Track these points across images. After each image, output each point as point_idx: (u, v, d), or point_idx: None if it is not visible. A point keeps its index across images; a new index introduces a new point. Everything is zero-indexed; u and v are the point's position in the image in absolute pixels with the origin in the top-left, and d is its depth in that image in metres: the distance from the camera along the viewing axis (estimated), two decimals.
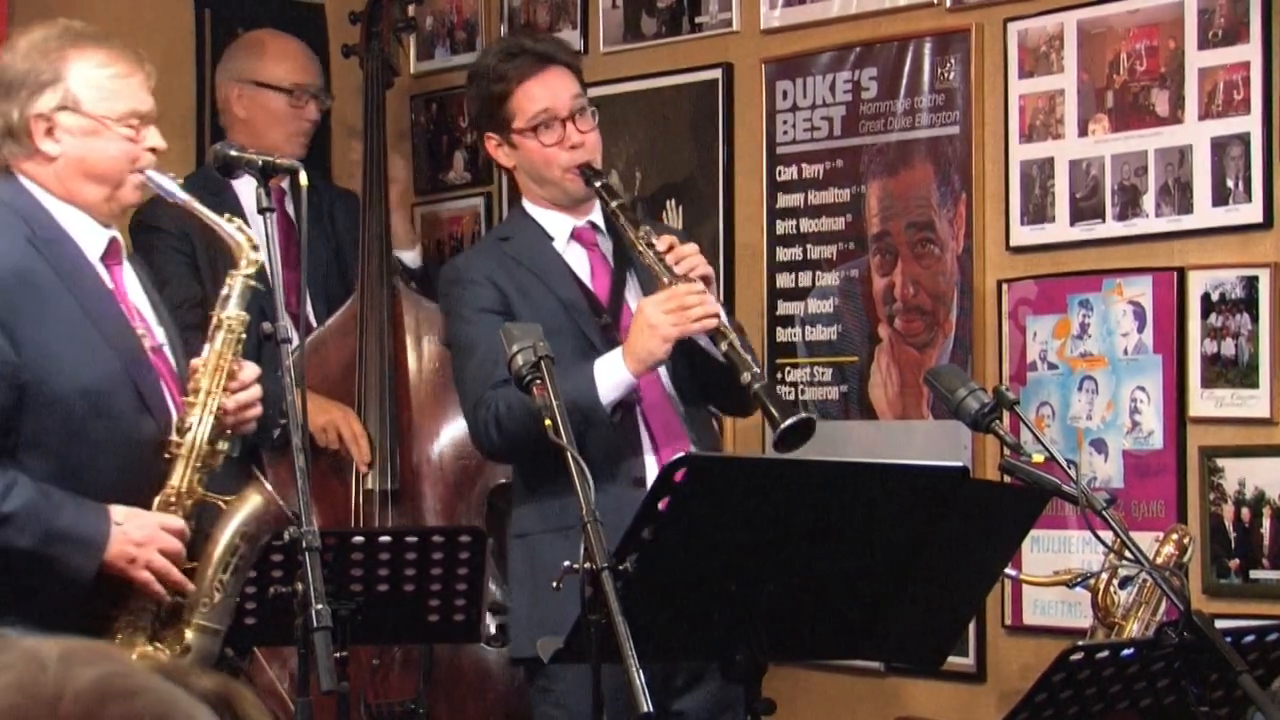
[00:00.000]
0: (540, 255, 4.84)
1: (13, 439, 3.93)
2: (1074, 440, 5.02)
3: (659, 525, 3.64)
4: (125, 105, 4.06)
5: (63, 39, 4.09)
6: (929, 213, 5.32)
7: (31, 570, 3.89)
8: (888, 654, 4.32)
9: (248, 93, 5.76)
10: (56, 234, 4.00)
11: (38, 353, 3.91)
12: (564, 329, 4.66)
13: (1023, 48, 5.17)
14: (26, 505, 3.84)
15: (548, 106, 4.78)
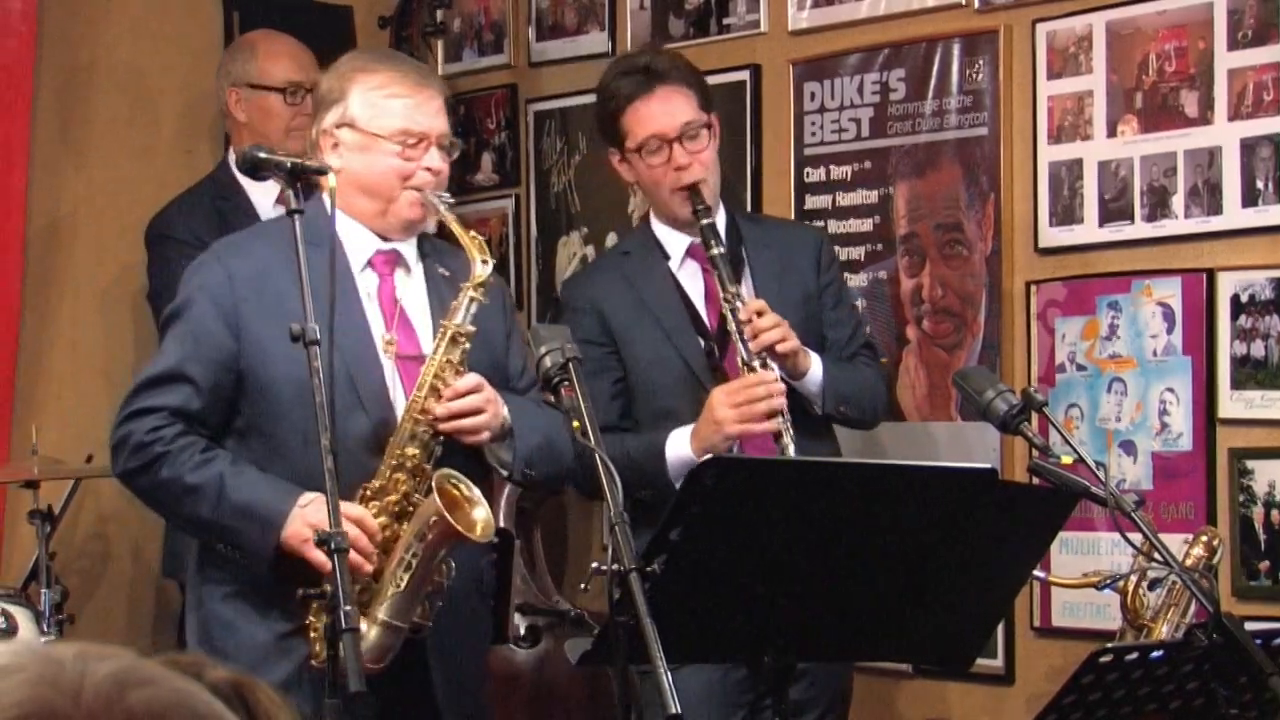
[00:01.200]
0: (653, 277, 4.86)
1: (237, 420, 4.19)
2: (1103, 442, 5.02)
3: (687, 527, 3.64)
4: (397, 124, 4.20)
5: (355, 60, 4.41)
6: (957, 214, 5.32)
7: (218, 540, 4.15)
8: (916, 655, 4.31)
9: (244, 95, 5.76)
10: (321, 241, 4.08)
11: (256, 343, 4.13)
12: (667, 360, 4.76)
13: (1051, 49, 5.16)
14: (212, 478, 4.08)
15: (655, 131, 4.77)
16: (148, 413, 4.13)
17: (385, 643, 4.04)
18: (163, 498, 4.20)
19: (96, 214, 6.02)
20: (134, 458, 4.13)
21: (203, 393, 4.13)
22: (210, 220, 5.56)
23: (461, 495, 4.01)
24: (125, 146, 6.10)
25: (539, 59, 6.31)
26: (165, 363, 4.19)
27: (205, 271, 4.23)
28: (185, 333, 4.18)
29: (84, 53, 6.06)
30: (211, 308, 4.15)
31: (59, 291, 6.01)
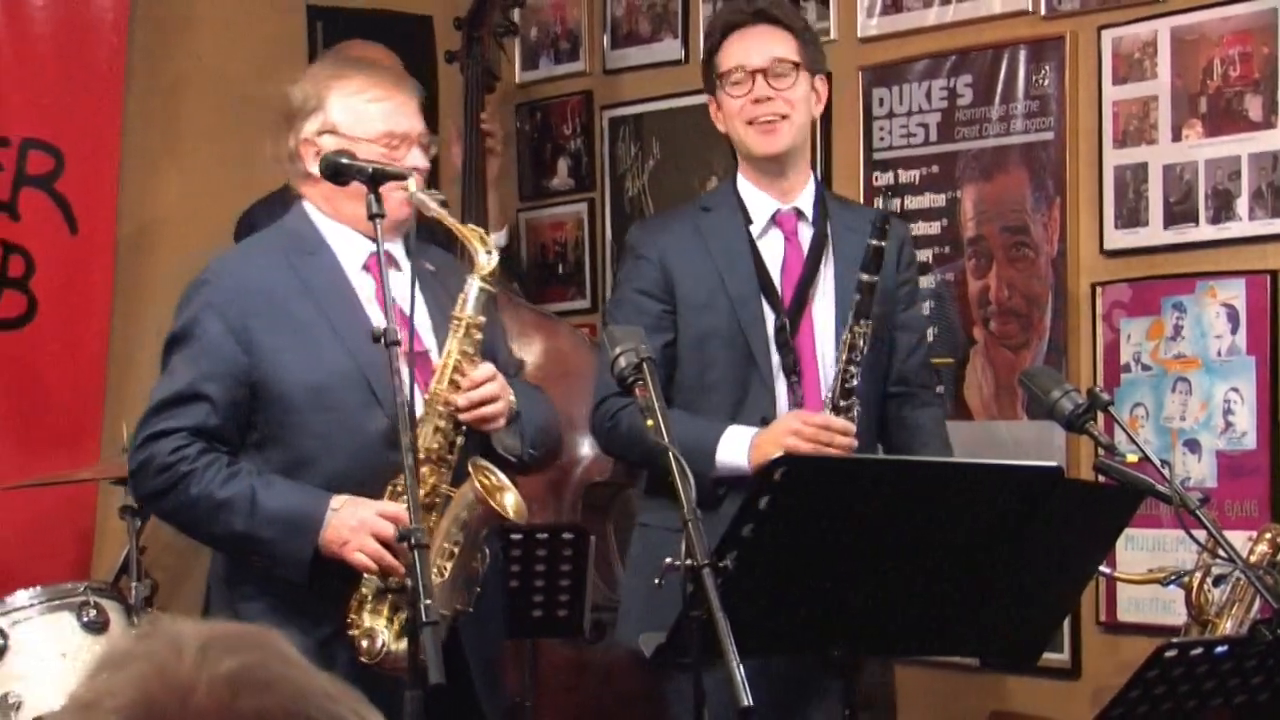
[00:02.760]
0: (730, 239, 4.68)
1: (253, 435, 4.15)
2: (1167, 441, 4.98)
3: (758, 523, 3.63)
4: (380, 127, 4.18)
5: (328, 68, 4.39)
6: (1023, 217, 5.30)
7: (253, 553, 4.11)
8: (983, 650, 4.28)
9: None
10: (317, 248, 4.17)
11: (266, 354, 4.10)
12: (725, 331, 4.63)
13: (1116, 54, 5.13)
14: (242, 491, 4.05)
15: (741, 61, 4.64)
16: (167, 434, 4.09)
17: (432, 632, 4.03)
18: (193, 516, 4.14)
19: (184, 218, 6.06)
20: (158, 479, 4.10)
21: (219, 409, 4.10)
22: None
23: (491, 482, 4.01)
24: (212, 153, 6.13)
25: (614, 66, 6.31)
26: (178, 383, 4.14)
27: (208, 290, 4.20)
28: (196, 352, 4.14)
29: (173, 62, 6.09)
30: (220, 324, 4.12)
31: (149, 293, 6.04)
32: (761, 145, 4.63)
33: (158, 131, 6.06)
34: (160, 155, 6.07)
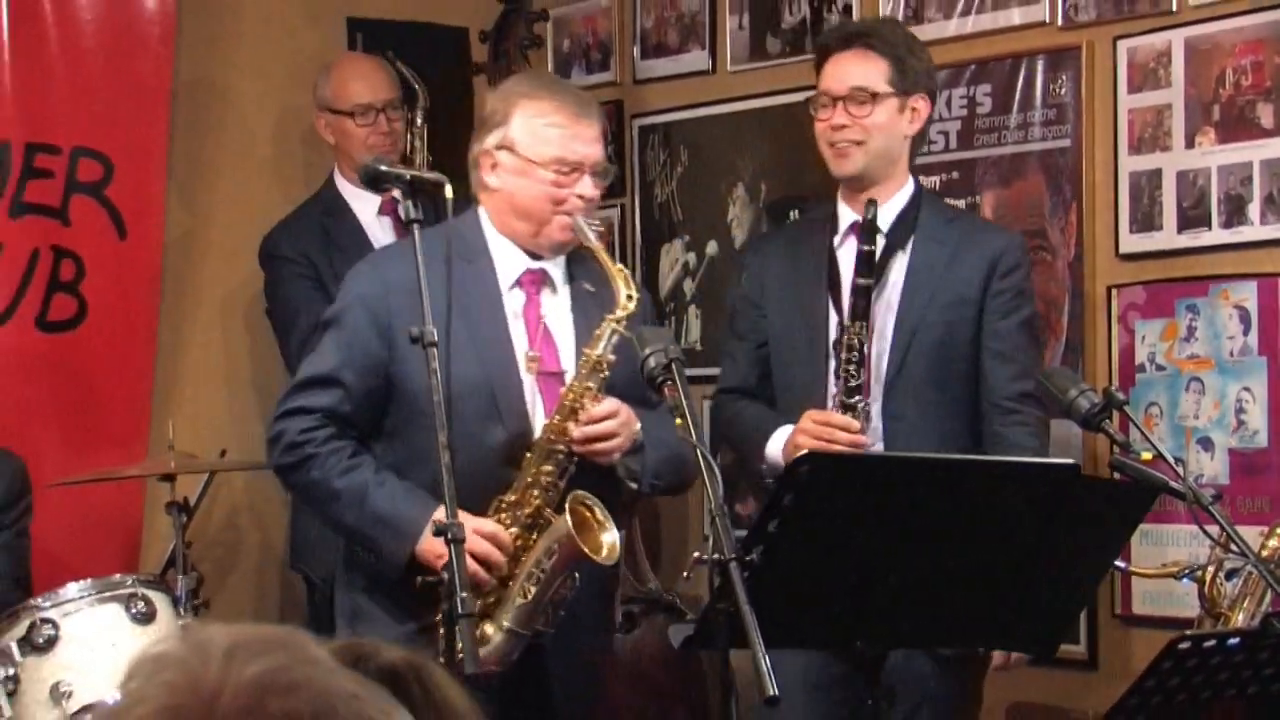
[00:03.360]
0: (812, 250, 4.76)
1: (385, 422, 4.23)
2: (1181, 439, 4.98)
3: (784, 519, 3.63)
4: (554, 152, 4.21)
5: (520, 85, 4.44)
6: (1041, 221, 5.29)
7: (358, 544, 4.21)
8: (1003, 643, 4.28)
9: (327, 119, 5.80)
10: (477, 256, 4.19)
11: (403, 353, 4.11)
12: (796, 334, 4.72)
13: (1132, 64, 5.12)
14: (356, 486, 4.13)
15: (827, 87, 4.68)
16: (302, 413, 4.18)
17: (507, 648, 4.07)
18: (310, 497, 4.28)
19: (227, 227, 6.07)
20: (287, 455, 4.19)
21: (354, 397, 4.17)
22: (316, 237, 5.60)
23: (593, 518, 4.03)
24: (254, 160, 6.15)
25: (643, 76, 6.32)
26: (322, 366, 4.21)
27: (364, 281, 4.27)
28: (341, 339, 4.20)
29: (217, 75, 6.11)
30: (366, 316, 4.18)
31: (193, 300, 6.06)
32: (836, 167, 4.71)
33: (202, 140, 6.07)
34: (205, 163, 6.08)
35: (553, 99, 4.29)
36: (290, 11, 6.23)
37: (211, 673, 1.41)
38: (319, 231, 5.56)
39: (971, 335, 4.65)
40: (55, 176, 5.76)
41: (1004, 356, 4.65)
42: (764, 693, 3.41)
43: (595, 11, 6.41)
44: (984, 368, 4.66)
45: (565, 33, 6.37)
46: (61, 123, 5.76)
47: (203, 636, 1.44)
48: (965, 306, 4.63)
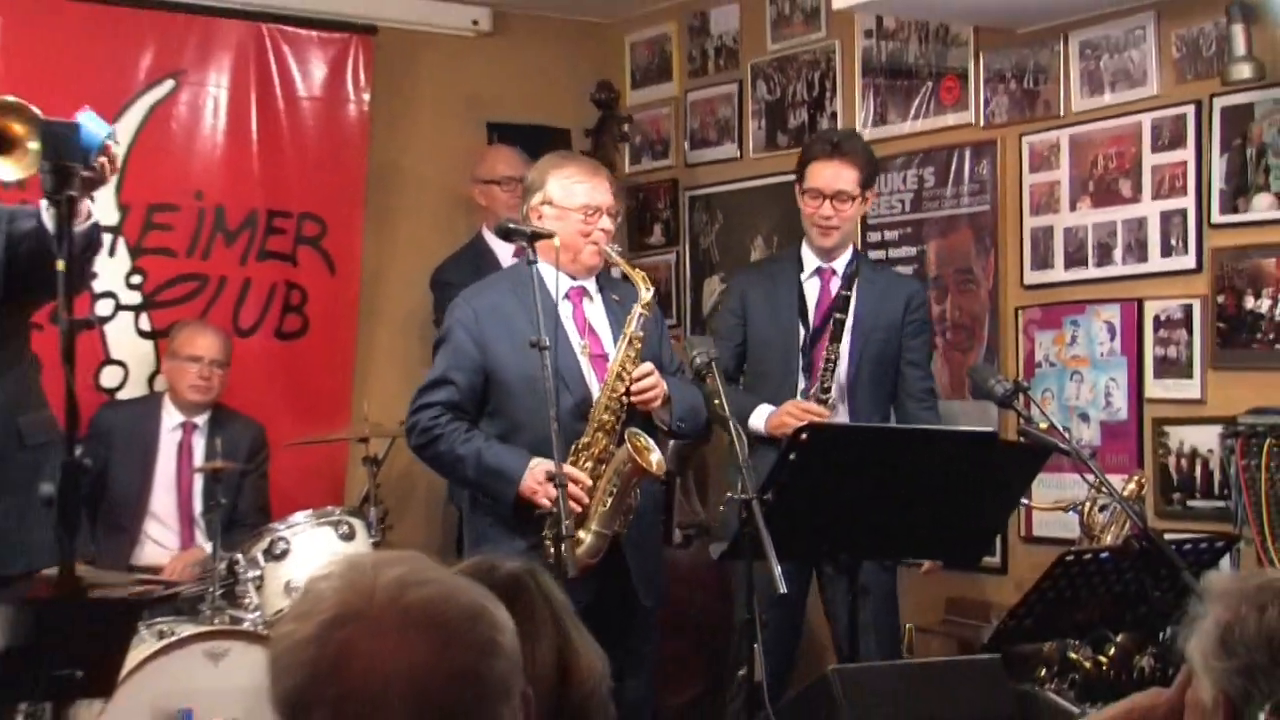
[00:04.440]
0: (787, 281, 4.75)
1: (487, 406, 4.18)
2: (1068, 414, 4.95)
3: (791, 469, 3.63)
4: (581, 201, 4.20)
5: (550, 160, 4.37)
6: (969, 261, 5.27)
7: (479, 492, 4.18)
8: (942, 555, 4.27)
9: (481, 188, 5.82)
10: (536, 283, 4.08)
11: (495, 354, 4.14)
12: (774, 340, 4.70)
13: (1032, 152, 5.10)
14: (473, 451, 4.11)
15: (818, 185, 4.65)
16: (428, 406, 4.17)
17: (597, 545, 4.07)
18: (441, 464, 4.23)
19: (403, 265, 6.09)
20: (420, 437, 4.17)
21: (463, 390, 4.15)
22: (470, 270, 5.60)
23: (643, 445, 4.03)
24: (422, 220, 6.17)
25: (692, 161, 6.31)
26: (437, 371, 4.21)
27: (460, 310, 4.25)
28: (449, 351, 4.20)
29: (398, 159, 6.14)
30: (465, 333, 4.18)
31: (382, 316, 6.09)
32: (819, 240, 4.71)
33: (388, 204, 6.10)
34: (389, 221, 6.11)
35: (574, 165, 4.32)
36: (448, 117, 6.25)
37: (366, 577, 1.42)
38: (472, 266, 5.57)
39: (895, 350, 4.72)
40: (287, 233, 5.80)
41: (915, 364, 4.77)
42: (776, 591, 3.41)
43: (659, 117, 6.41)
44: (902, 372, 4.74)
45: (638, 131, 6.37)
46: (292, 195, 5.80)
47: (356, 558, 1.46)
48: (892, 331, 4.72)
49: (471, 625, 1.39)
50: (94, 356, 5.41)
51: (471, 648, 1.38)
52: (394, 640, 1.36)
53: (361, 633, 1.37)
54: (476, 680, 1.37)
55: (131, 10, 5.50)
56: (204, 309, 5.63)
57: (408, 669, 1.35)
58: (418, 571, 1.43)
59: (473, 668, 1.37)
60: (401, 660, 1.35)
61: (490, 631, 1.40)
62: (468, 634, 1.38)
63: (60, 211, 3.16)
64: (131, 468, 5.14)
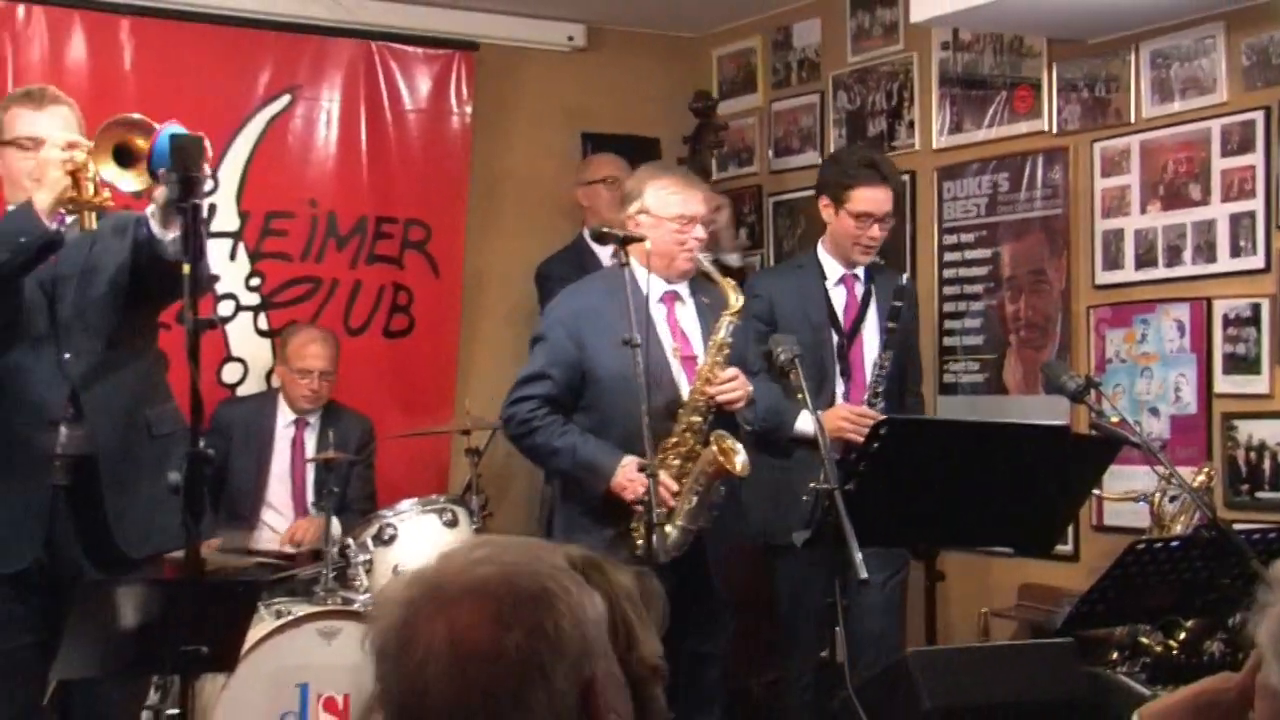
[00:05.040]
0: (813, 288, 4.71)
1: (582, 401, 4.16)
2: (1138, 409, 4.88)
3: (870, 461, 3.61)
4: (675, 210, 4.20)
5: (647, 170, 4.40)
6: (1042, 263, 5.21)
7: (571, 483, 4.18)
8: (1015, 543, 4.22)
9: (584, 189, 5.83)
10: (629, 286, 4.10)
11: (590, 352, 4.13)
12: (807, 345, 4.55)
13: (1104, 158, 5.03)
14: (568, 445, 4.12)
15: (871, 210, 4.63)
16: (526, 399, 4.18)
17: (682, 539, 4.08)
18: (537, 455, 4.25)
19: (504, 267, 6.13)
20: (518, 428, 4.19)
21: (559, 385, 4.16)
22: (573, 267, 5.63)
23: (729, 446, 4.02)
24: (521, 224, 6.19)
25: (776, 169, 6.29)
26: (535, 366, 4.21)
27: (558, 309, 4.28)
28: (547, 347, 4.20)
29: (499, 167, 6.17)
30: (562, 330, 4.18)
31: (483, 315, 6.13)
32: (860, 257, 4.69)
33: (488, 210, 6.14)
34: (490, 226, 6.14)
35: (670, 176, 4.30)
36: (545, 127, 6.27)
37: (455, 554, 1.44)
38: (575, 264, 5.60)
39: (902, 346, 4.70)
40: (394, 238, 5.85)
41: (914, 364, 4.83)
42: (858, 575, 3.40)
43: (745, 126, 6.39)
44: (905, 370, 4.76)
45: (726, 141, 6.36)
46: (399, 202, 5.85)
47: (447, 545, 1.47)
48: (906, 327, 4.73)
49: (521, 606, 1.38)
50: (216, 354, 5.49)
51: (514, 627, 1.36)
52: (447, 612, 1.37)
53: (426, 601, 1.39)
54: (509, 660, 1.35)
55: (251, 31, 5.58)
56: (317, 310, 5.69)
57: (447, 637, 1.36)
58: (494, 554, 1.43)
59: (509, 647, 1.36)
60: (445, 630, 1.36)
61: (541, 615, 1.38)
62: (512, 613, 1.37)
63: (186, 218, 3.20)
64: (249, 460, 5.21)
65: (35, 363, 3.60)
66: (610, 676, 1.43)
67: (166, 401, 3.80)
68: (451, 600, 1.38)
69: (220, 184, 5.51)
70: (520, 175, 6.21)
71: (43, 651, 3.52)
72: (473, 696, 1.35)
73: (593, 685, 1.40)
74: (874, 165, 4.69)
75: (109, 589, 3.22)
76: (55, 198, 3.44)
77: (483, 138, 6.03)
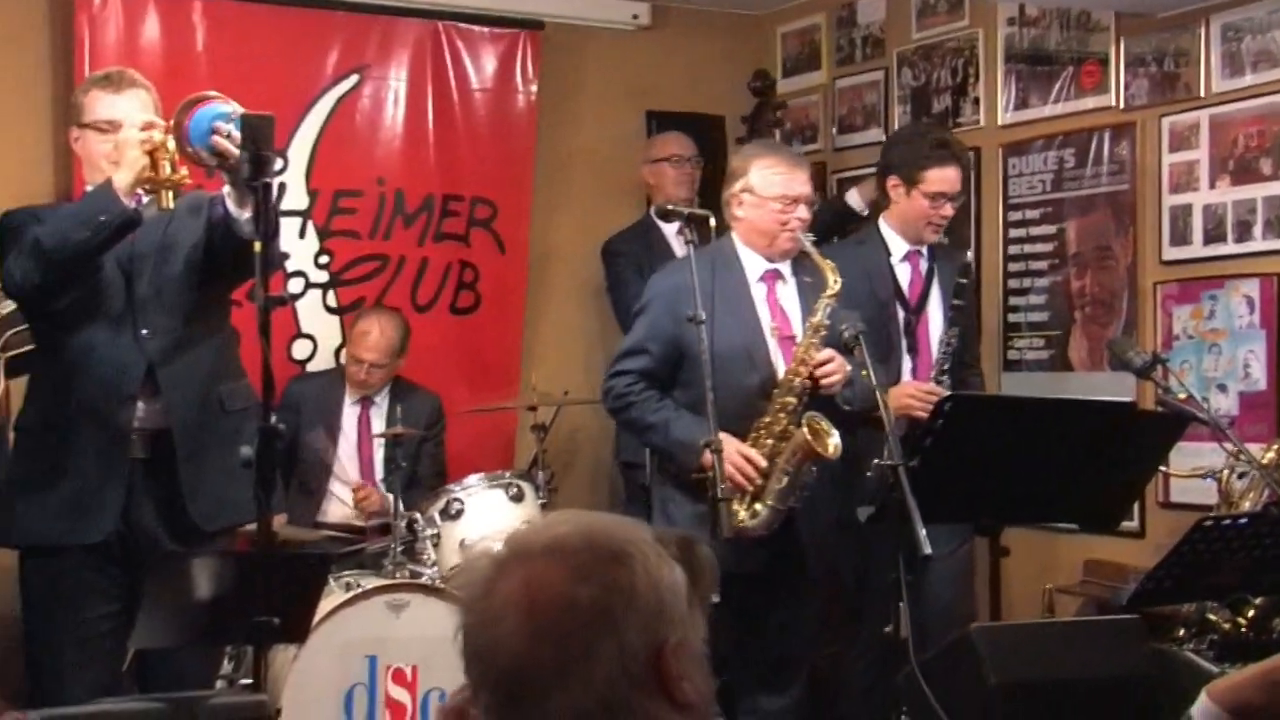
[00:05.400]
0: (878, 265, 4.67)
1: (680, 377, 4.14)
2: (1205, 385, 4.82)
3: (934, 437, 3.59)
4: (779, 191, 4.18)
5: (753, 149, 4.41)
6: (1108, 239, 5.15)
7: (664, 457, 4.19)
8: (1082, 520, 4.19)
9: (650, 167, 5.83)
10: (733, 263, 4.16)
11: (688, 330, 4.05)
12: (874, 321, 4.54)
13: (1172, 133, 4.96)
14: (662, 420, 4.12)
15: (946, 190, 4.60)
16: (624, 373, 4.19)
17: (771, 518, 4.07)
18: (633, 428, 4.27)
19: (569, 244, 6.13)
20: (616, 402, 4.20)
21: (657, 360, 4.16)
22: (639, 244, 5.64)
23: (822, 429, 4.01)
24: (586, 202, 6.19)
25: (839, 146, 6.25)
26: (635, 340, 4.22)
27: (660, 283, 4.27)
28: (647, 321, 4.21)
29: (564, 145, 6.17)
30: (664, 306, 4.16)
31: (548, 292, 6.14)
32: (927, 236, 4.67)
33: (554, 188, 6.14)
34: (555, 204, 6.14)
35: (776, 156, 4.27)
36: (610, 105, 6.26)
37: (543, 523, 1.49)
38: (643, 240, 5.61)
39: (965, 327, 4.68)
40: (460, 216, 5.87)
41: (968, 337, 4.77)
42: (920, 551, 3.39)
43: (809, 104, 6.36)
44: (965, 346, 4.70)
45: (790, 117, 6.33)
46: (465, 180, 5.87)
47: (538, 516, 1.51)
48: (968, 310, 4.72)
49: (598, 562, 1.42)
50: (287, 331, 5.54)
51: (588, 580, 1.40)
52: (526, 566, 1.42)
53: (508, 558, 1.44)
54: (581, 609, 1.39)
55: (320, 12, 5.61)
56: (384, 287, 5.72)
57: (523, 589, 1.40)
58: (577, 520, 1.47)
59: (580, 596, 1.39)
60: (522, 582, 1.41)
61: (616, 572, 1.41)
62: (588, 567, 1.41)
63: (257, 197, 3.23)
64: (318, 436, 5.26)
65: (114, 339, 3.65)
66: (687, 647, 1.44)
67: (240, 378, 3.84)
68: (531, 556, 1.43)
69: (290, 163, 5.54)
70: (585, 153, 6.21)
71: (122, 621, 3.58)
72: (544, 645, 1.38)
73: (664, 649, 1.41)
74: (946, 144, 4.65)
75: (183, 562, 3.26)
76: (134, 177, 3.48)
77: (548, 116, 6.03)
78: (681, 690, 1.41)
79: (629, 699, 1.38)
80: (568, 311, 6.12)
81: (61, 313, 3.63)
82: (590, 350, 6.07)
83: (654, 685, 1.40)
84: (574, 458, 6.07)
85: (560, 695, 1.37)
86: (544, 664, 1.38)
